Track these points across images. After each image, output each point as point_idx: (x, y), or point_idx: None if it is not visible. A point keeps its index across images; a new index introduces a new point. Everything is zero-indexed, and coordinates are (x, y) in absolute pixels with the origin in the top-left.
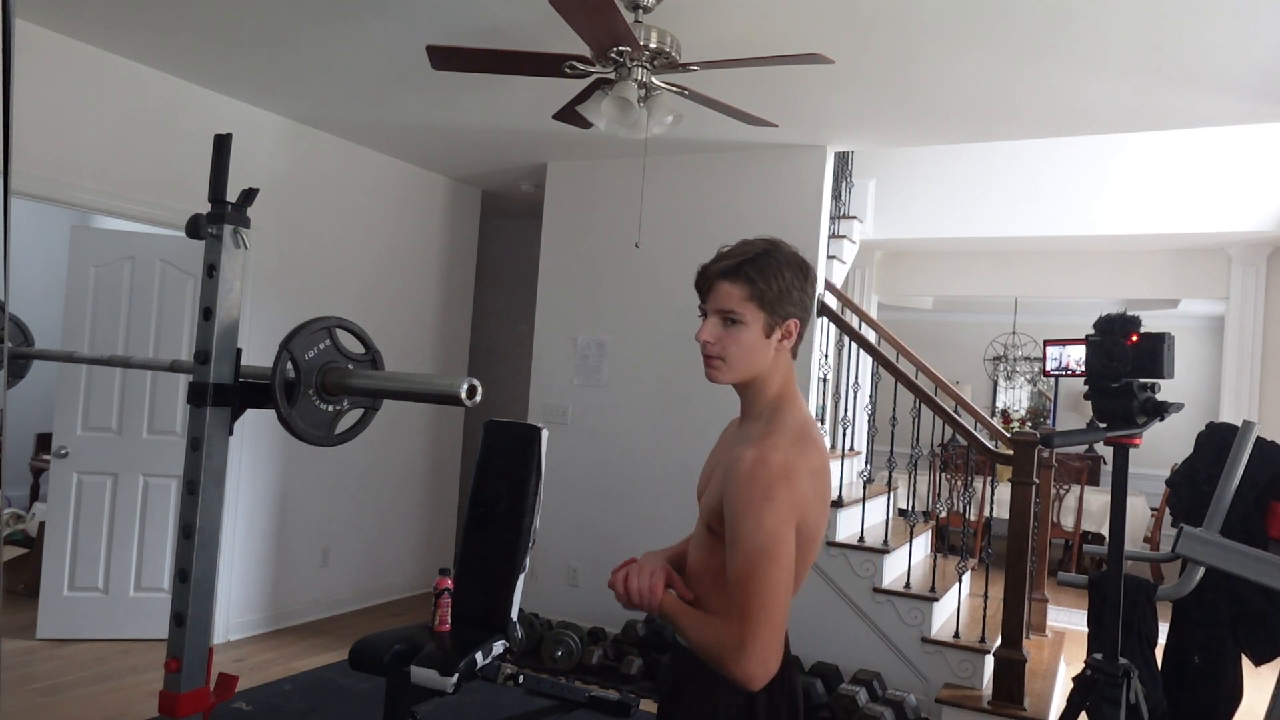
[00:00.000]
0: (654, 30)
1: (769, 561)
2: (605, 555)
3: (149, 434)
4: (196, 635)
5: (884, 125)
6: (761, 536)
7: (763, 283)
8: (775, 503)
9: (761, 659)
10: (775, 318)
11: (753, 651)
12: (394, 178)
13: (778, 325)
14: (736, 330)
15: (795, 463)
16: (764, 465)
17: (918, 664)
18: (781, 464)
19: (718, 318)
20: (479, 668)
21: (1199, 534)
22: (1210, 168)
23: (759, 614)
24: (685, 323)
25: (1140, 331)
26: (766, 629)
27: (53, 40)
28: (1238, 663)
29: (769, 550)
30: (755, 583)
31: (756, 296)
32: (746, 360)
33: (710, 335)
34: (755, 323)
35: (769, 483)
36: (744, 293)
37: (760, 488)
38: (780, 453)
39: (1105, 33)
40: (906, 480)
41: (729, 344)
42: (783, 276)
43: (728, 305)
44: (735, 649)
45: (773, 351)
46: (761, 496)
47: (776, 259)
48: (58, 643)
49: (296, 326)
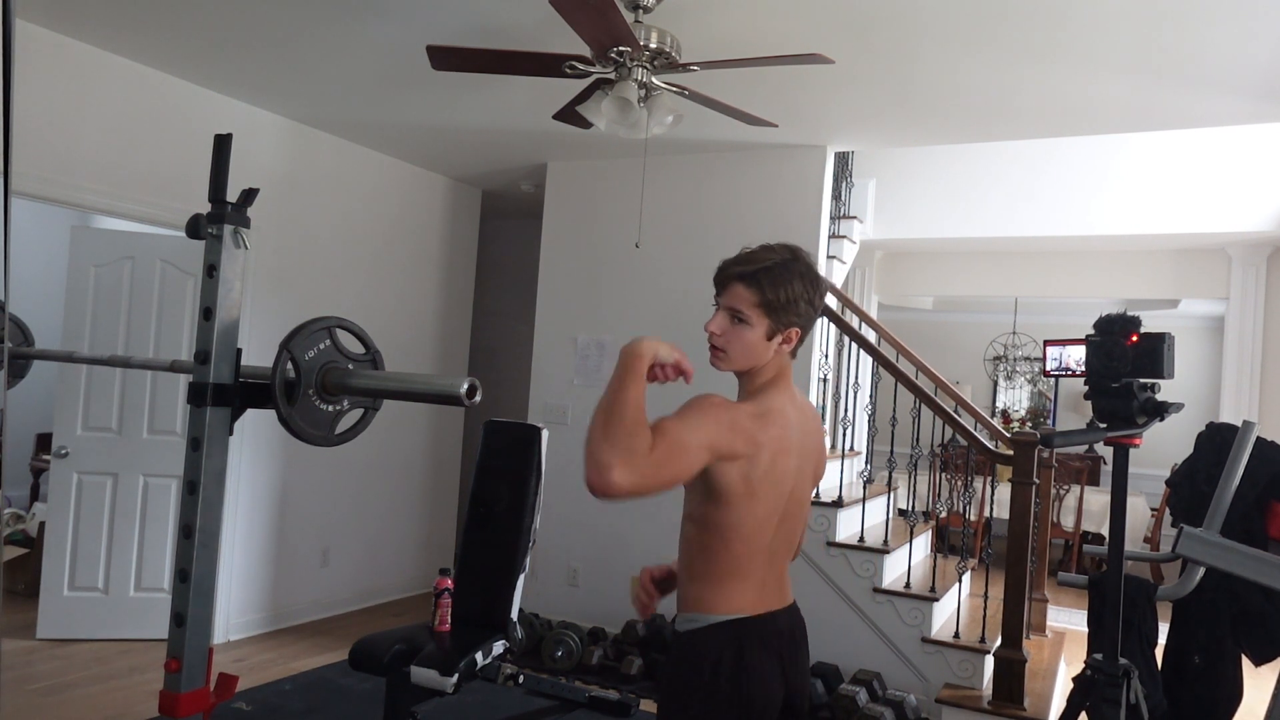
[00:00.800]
0: (654, 30)
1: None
2: (605, 555)
3: (149, 434)
4: (196, 635)
5: (884, 125)
6: (674, 419)
7: (772, 292)
8: (693, 410)
9: (600, 464)
10: (779, 325)
11: (604, 459)
12: (394, 178)
13: (780, 331)
14: (742, 329)
15: (741, 420)
16: (709, 398)
17: (918, 664)
18: (720, 403)
19: (727, 314)
20: (479, 668)
21: (1199, 534)
22: (1210, 168)
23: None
24: (685, 322)
25: (1140, 331)
26: (604, 443)
27: (53, 40)
28: (1238, 663)
29: (673, 428)
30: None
31: (764, 304)
32: (746, 357)
33: (717, 328)
34: (760, 326)
35: (705, 405)
36: (754, 298)
37: (697, 404)
38: (734, 406)
39: (1105, 33)
40: (906, 480)
41: (732, 339)
42: (792, 288)
43: (737, 305)
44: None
45: (772, 353)
46: (693, 409)
47: (790, 271)
48: (58, 643)
49: (296, 326)
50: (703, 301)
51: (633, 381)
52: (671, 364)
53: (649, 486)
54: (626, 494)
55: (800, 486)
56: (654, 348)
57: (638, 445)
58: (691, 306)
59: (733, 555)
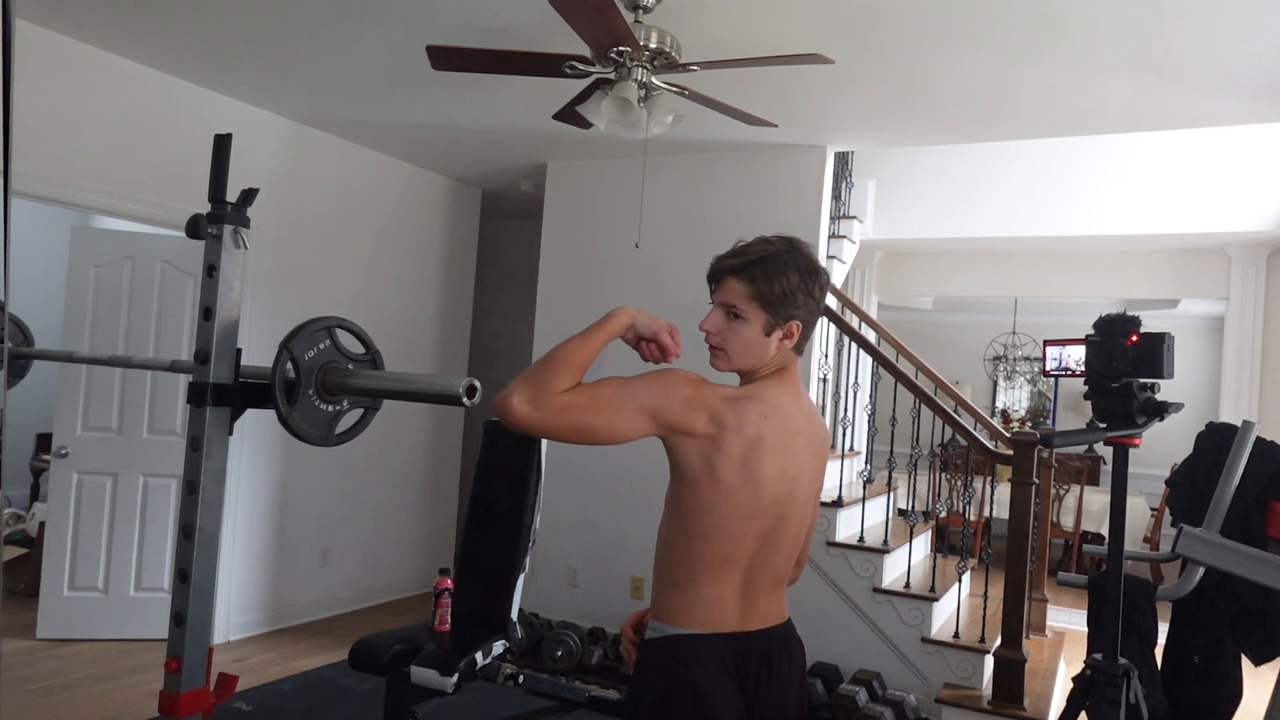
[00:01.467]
0: (654, 30)
1: (596, 386)
2: (605, 555)
3: (149, 434)
4: (196, 635)
5: (884, 125)
6: (620, 379)
7: (765, 284)
8: (648, 375)
9: (509, 388)
10: (777, 318)
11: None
12: (394, 178)
13: (779, 325)
14: (738, 325)
15: (702, 389)
16: (672, 369)
17: (918, 664)
18: (684, 377)
19: (722, 310)
20: (479, 668)
21: (1199, 534)
22: (1210, 168)
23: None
24: (686, 323)
25: (1140, 331)
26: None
27: (53, 40)
28: (1238, 663)
29: (607, 384)
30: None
31: (758, 296)
32: (745, 354)
33: (712, 326)
34: (756, 321)
35: (660, 371)
36: (748, 291)
37: (654, 371)
38: (712, 385)
39: (1105, 33)
40: (906, 480)
41: (729, 337)
42: (788, 280)
43: (731, 300)
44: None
45: (772, 349)
46: (650, 372)
47: (786, 262)
48: (58, 643)
49: (296, 326)
50: (704, 301)
51: (590, 334)
52: (650, 336)
53: (549, 425)
54: (522, 424)
55: (801, 493)
56: (632, 315)
57: (550, 383)
58: (692, 307)
59: (700, 555)
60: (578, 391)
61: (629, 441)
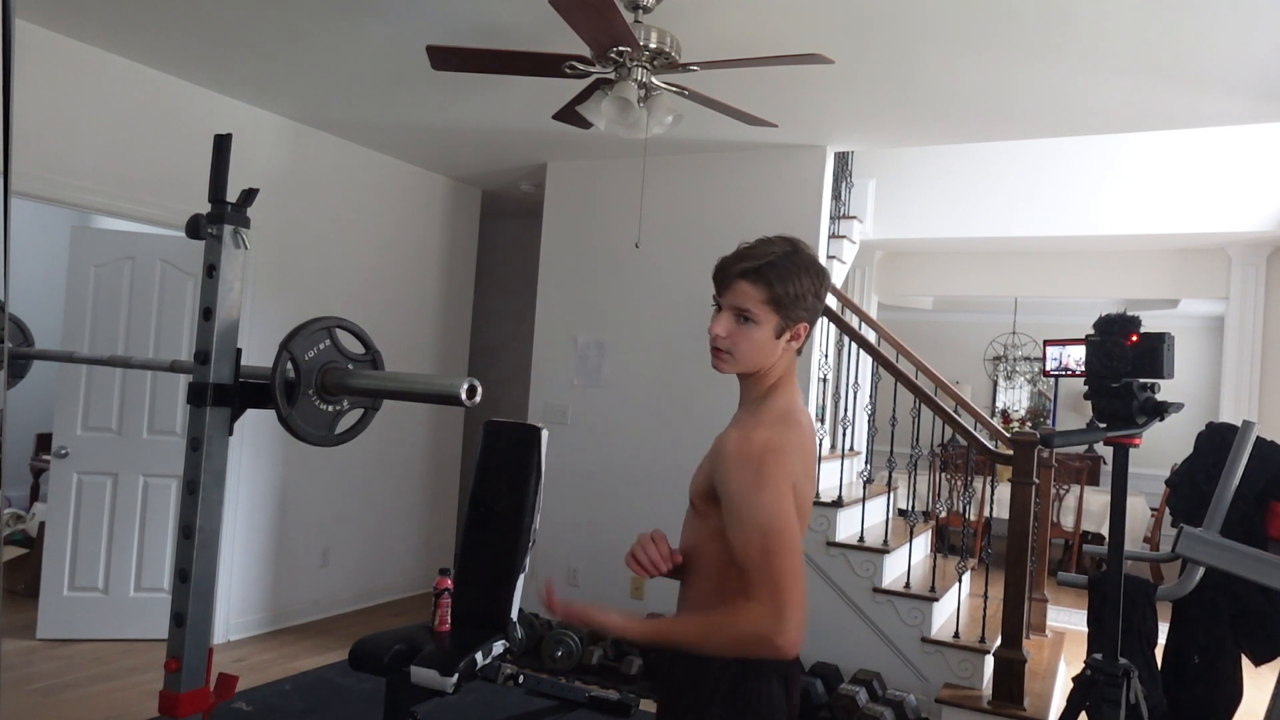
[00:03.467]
0: (654, 30)
1: (779, 535)
2: (605, 555)
3: (149, 434)
4: (196, 635)
5: (884, 125)
6: (766, 513)
7: (781, 287)
8: (768, 477)
9: (798, 625)
10: (788, 321)
11: (791, 619)
12: (394, 178)
13: (789, 327)
14: (749, 328)
15: (777, 439)
16: (748, 443)
17: (917, 664)
18: (765, 439)
19: (732, 314)
20: (479, 668)
21: (1199, 534)
22: (1210, 168)
23: (789, 583)
24: (685, 323)
25: (1140, 331)
26: (797, 595)
27: (53, 40)
28: (1238, 663)
29: (775, 524)
30: (778, 553)
31: (773, 300)
32: (754, 357)
33: (723, 330)
34: (768, 324)
35: (759, 459)
36: (762, 295)
37: (752, 467)
38: (763, 429)
39: (1105, 33)
40: (906, 480)
41: (739, 340)
42: (801, 282)
43: (744, 304)
44: (774, 623)
45: (780, 351)
46: (755, 474)
47: (797, 263)
48: (58, 643)
49: (296, 326)
50: (703, 301)
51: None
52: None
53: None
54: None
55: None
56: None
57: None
58: (692, 306)
59: None
60: (798, 576)
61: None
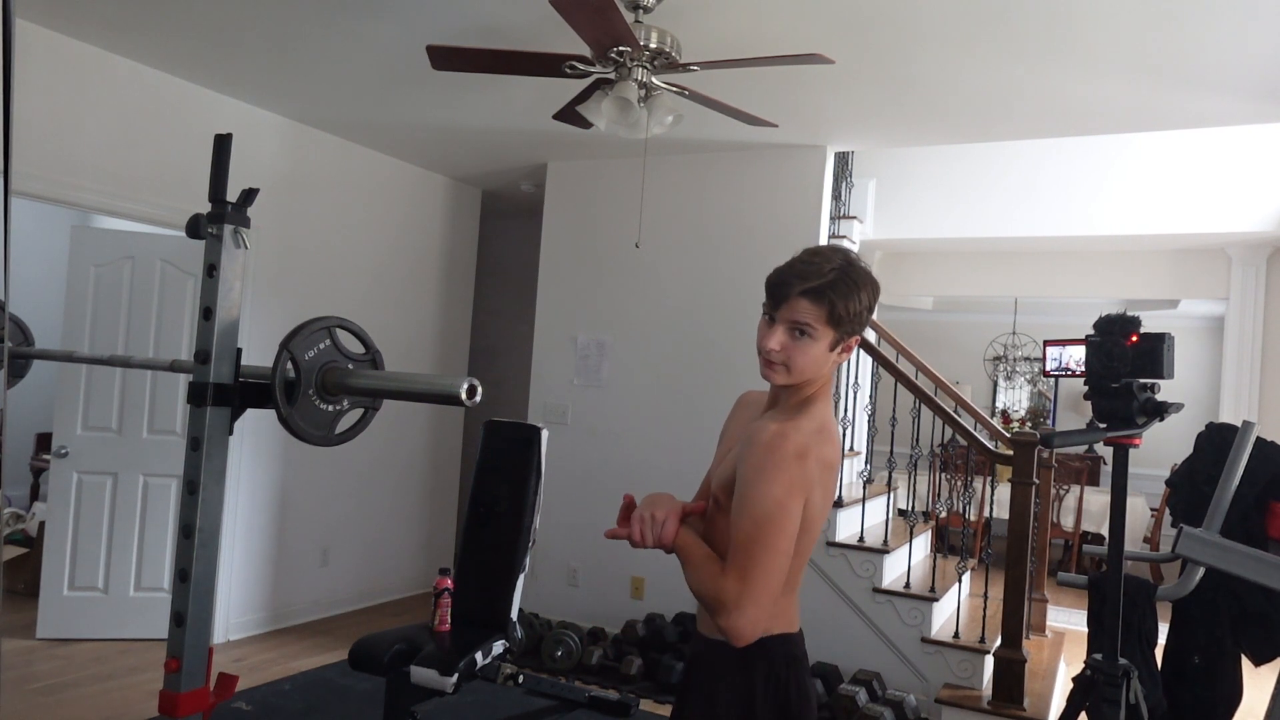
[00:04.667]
0: (654, 30)
1: (775, 528)
2: (605, 555)
3: (149, 434)
4: (196, 635)
5: (884, 125)
6: (770, 503)
7: (843, 307)
8: (786, 473)
9: (753, 619)
10: (842, 335)
11: (747, 610)
12: (394, 178)
13: (843, 340)
14: (805, 343)
15: (811, 447)
16: (783, 439)
17: (917, 664)
18: (800, 443)
19: (787, 327)
20: (479, 668)
21: (1199, 534)
22: (1210, 168)
23: (759, 576)
24: (685, 323)
25: (1140, 332)
26: (763, 591)
27: (53, 40)
28: (1238, 663)
29: (775, 517)
30: (759, 547)
31: (833, 319)
32: (807, 370)
33: (778, 344)
34: (824, 339)
35: (784, 455)
36: (823, 313)
37: (775, 458)
38: (801, 435)
39: (1105, 33)
40: (906, 480)
41: (795, 354)
42: (860, 299)
43: (803, 319)
44: (731, 605)
45: (830, 363)
46: (775, 466)
47: (855, 280)
48: (58, 643)
49: (296, 326)
50: (703, 301)
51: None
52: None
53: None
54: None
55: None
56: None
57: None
58: (692, 306)
59: (792, 571)
60: (772, 574)
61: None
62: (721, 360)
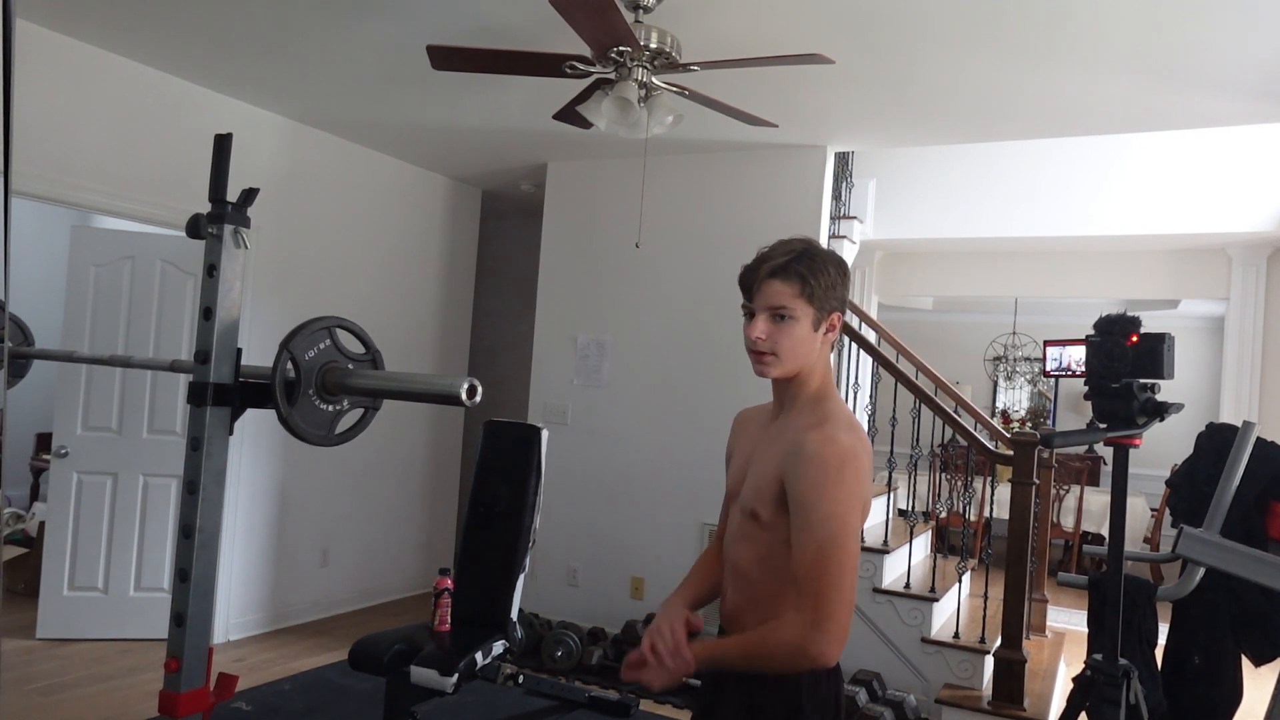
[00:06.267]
0: (654, 30)
1: (841, 546)
2: (605, 555)
3: (149, 434)
4: (196, 635)
5: (884, 125)
6: (835, 523)
7: (813, 279)
8: (845, 486)
9: (837, 637)
10: (822, 312)
11: (829, 631)
12: (394, 178)
13: (824, 319)
14: (788, 325)
15: (858, 447)
16: (834, 445)
17: (917, 664)
18: (849, 445)
19: (767, 314)
20: (479, 668)
21: (1199, 534)
22: (1210, 168)
23: (834, 595)
24: (685, 323)
25: (1140, 332)
26: (841, 609)
27: (53, 40)
28: (1238, 663)
29: (841, 535)
30: (830, 566)
31: (806, 293)
32: (796, 354)
33: (762, 332)
34: (805, 318)
35: (839, 466)
36: (795, 289)
37: (832, 472)
38: (845, 434)
39: (1105, 33)
40: (906, 480)
41: (780, 339)
42: (828, 272)
43: (779, 301)
44: (810, 631)
45: (819, 345)
46: (833, 481)
47: (822, 255)
48: (58, 643)
49: (296, 326)
50: (703, 301)
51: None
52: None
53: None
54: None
55: None
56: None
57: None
58: (692, 306)
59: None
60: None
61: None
62: (721, 360)
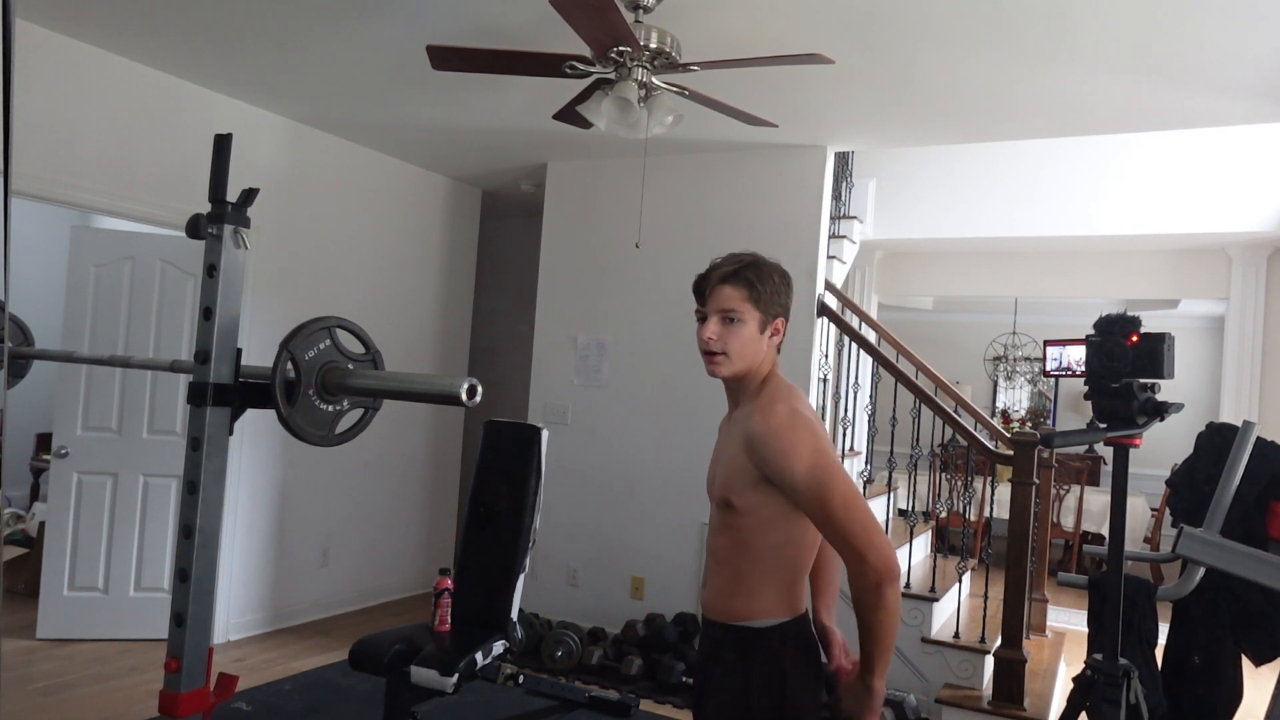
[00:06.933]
0: (654, 30)
1: (831, 486)
2: (605, 555)
3: (149, 434)
4: (196, 635)
5: (884, 125)
6: (817, 471)
7: (759, 285)
8: (800, 439)
9: (882, 550)
10: (767, 316)
11: (874, 549)
12: (394, 178)
13: (769, 322)
14: (736, 327)
15: (795, 404)
16: (773, 415)
17: (918, 664)
18: (786, 409)
19: (719, 317)
20: (479, 668)
21: (1199, 534)
22: (1210, 168)
23: (855, 526)
24: (685, 323)
25: (1140, 332)
26: (869, 530)
27: (53, 40)
28: (1238, 663)
29: (826, 479)
30: (836, 507)
31: (753, 298)
32: (745, 353)
33: (714, 333)
34: (752, 320)
35: (788, 427)
36: (743, 294)
37: (785, 434)
38: (779, 403)
39: (1105, 33)
40: (906, 480)
41: (730, 340)
42: (773, 280)
43: (729, 305)
44: (865, 567)
45: (765, 346)
46: (790, 442)
47: (766, 266)
48: (58, 643)
49: (296, 326)
50: None
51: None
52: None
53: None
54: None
55: None
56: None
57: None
58: (691, 306)
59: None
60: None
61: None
62: None
